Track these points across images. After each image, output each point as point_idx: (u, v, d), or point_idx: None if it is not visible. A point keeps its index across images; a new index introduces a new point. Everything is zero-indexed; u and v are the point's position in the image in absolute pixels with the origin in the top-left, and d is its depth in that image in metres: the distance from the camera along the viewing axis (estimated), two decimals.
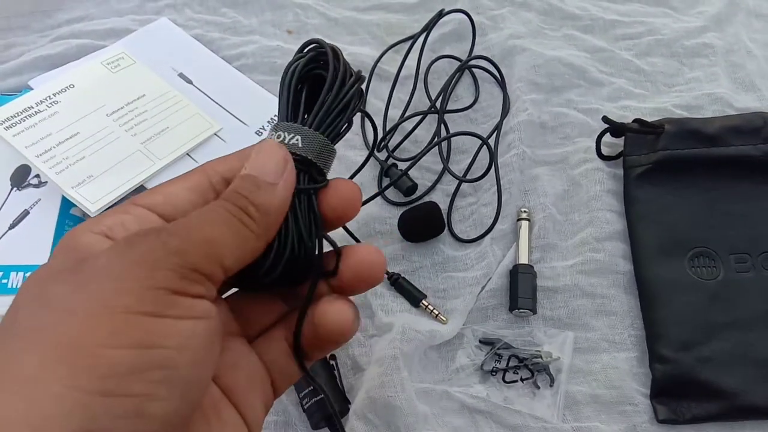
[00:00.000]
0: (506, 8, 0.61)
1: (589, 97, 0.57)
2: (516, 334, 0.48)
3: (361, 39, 0.61)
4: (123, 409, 0.20)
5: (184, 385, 0.22)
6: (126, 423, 0.20)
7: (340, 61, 0.29)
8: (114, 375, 0.20)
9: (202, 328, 0.23)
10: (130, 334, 0.21)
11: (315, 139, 0.28)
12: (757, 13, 0.62)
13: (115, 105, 0.53)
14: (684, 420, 0.44)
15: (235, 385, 0.27)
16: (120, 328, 0.21)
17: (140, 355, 0.21)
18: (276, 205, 0.26)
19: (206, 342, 0.23)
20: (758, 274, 0.47)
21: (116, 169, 0.49)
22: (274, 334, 0.29)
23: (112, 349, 0.20)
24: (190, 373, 0.22)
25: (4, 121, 0.49)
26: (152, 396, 0.21)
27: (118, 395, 0.20)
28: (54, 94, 0.52)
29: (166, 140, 0.52)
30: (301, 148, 0.27)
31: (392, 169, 0.53)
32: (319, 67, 0.29)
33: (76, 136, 0.50)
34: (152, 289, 0.22)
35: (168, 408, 0.21)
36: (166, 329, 0.22)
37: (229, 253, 0.24)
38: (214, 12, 0.62)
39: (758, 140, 0.50)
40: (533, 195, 0.52)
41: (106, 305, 0.21)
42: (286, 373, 0.29)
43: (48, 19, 0.62)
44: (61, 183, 0.47)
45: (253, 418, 0.27)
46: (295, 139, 0.27)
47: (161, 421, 0.21)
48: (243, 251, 0.25)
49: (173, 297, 0.22)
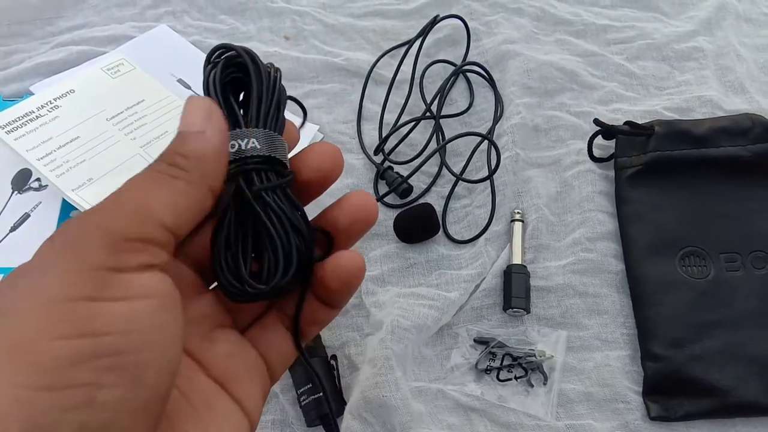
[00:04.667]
0: (500, 14, 0.62)
1: (582, 101, 0.58)
2: (510, 333, 0.48)
3: (357, 45, 0.62)
4: (70, 400, 0.19)
5: (134, 370, 0.21)
6: (76, 414, 0.19)
7: (256, 58, 0.29)
8: (56, 368, 0.19)
9: (149, 308, 0.22)
10: (69, 324, 0.20)
11: (268, 137, 0.28)
12: (747, 17, 0.63)
13: (115, 110, 0.54)
14: (676, 417, 0.44)
15: (231, 375, 0.27)
16: (58, 318, 0.20)
17: (81, 345, 0.20)
18: (209, 148, 0.25)
19: (156, 322, 0.22)
20: (748, 273, 0.48)
21: (116, 172, 0.50)
22: (267, 321, 0.30)
23: (52, 341, 0.19)
24: (141, 357, 0.21)
25: (6, 125, 0.50)
26: (100, 384, 0.20)
27: (62, 387, 0.19)
28: (55, 99, 0.53)
29: (164, 144, 0.53)
30: (261, 149, 0.27)
31: (388, 171, 0.54)
32: (237, 70, 0.29)
33: (77, 140, 0.51)
34: (85, 271, 0.21)
35: (119, 394, 0.20)
36: (105, 313, 0.20)
37: (165, 210, 0.23)
38: (213, 19, 0.63)
39: (747, 141, 0.51)
40: (526, 196, 0.53)
41: (41, 297, 0.20)
42: (282, 358, 0.30)
43: (49, 27, 0.63)
44: (61, 186, 0.48)
45: (252, 405, 0.27)
46: (252, 142, 0.27)
47: (114, 408, 0.20)
48: (180, 205, 0.24)
49: (112, 275, 0.21)
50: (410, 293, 0.48)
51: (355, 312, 0.50)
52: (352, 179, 0.55)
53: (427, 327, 0.47)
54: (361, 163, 0.56)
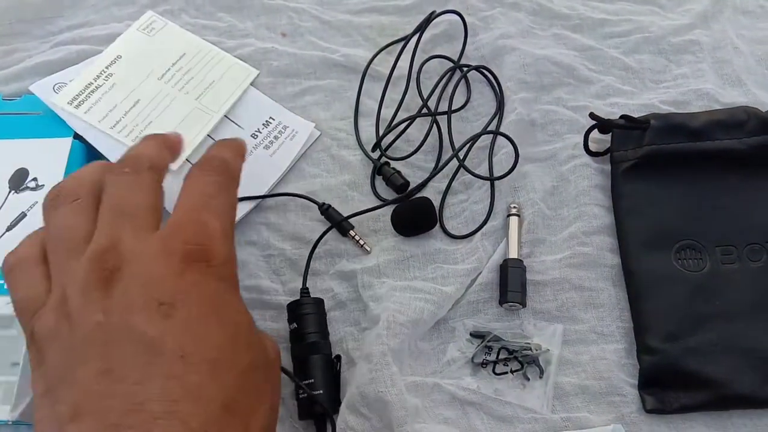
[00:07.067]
0: (497, 9, 0.62)
1: (578, 95, 0.58)
2: (506, 327, 0.49)
3: (354, 41, 0.62)
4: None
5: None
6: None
7: None
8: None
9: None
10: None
11: None
12: (744, 9, 0.63)
13: (163, 68, 0.57)
14: (672, 409, 0.45)
15: None
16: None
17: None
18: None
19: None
20: (744, 266, 0.48)
21: (182, 127, 0.54)
22: None
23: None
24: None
25: (72, 100, 0.53)
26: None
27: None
28: (107, 66, 0.56)
29: (216, 93, 0.57)
30: None
31: (384, 167, 0.54)
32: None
33: (139, 104, 0.54)
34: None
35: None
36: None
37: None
38: (211, 17, 0.63)
39: (743, 134, 0.51)
40: (523, 191, 0.53)
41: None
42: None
43: (49, 26, 0.64)
44: None
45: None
46: None
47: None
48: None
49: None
50: (407, 287, 0.49)
51: (352, 306, 0.50)
52: (349, 175, 0.55)
53: (423, 321, 0.47)
54: (357, 159, 0.56)
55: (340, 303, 0.50)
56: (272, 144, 0.55)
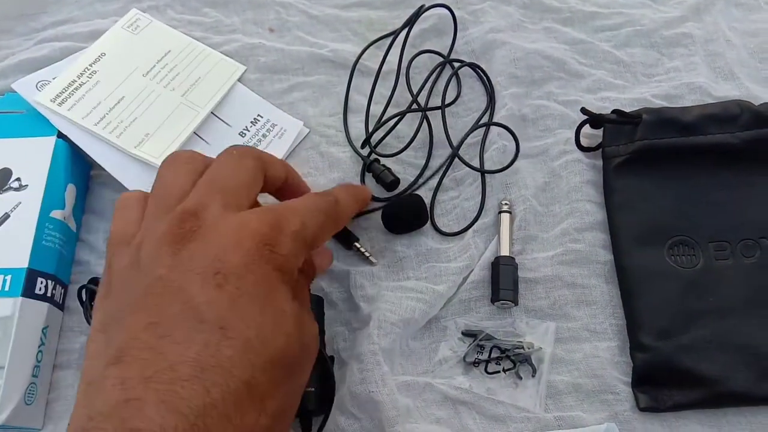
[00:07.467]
0: (486, 2, 0.61)
1: (569, 89, 0.57)
2: (498, 326, 0.48)
3: (342, 36, 0.61)
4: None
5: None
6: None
7: None
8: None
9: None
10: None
11: None
12: (736, 1, 0.62)
13: (148, 65, 0.57)
14: (665, 407, 0.44)
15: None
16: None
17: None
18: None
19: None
20: (737, 262, 0.48)
21: (167, 124, 0.53)
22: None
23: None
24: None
25: (56, 98, 0.52)
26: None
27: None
28: (90, 64, 0.55)
29: (202, 89, 0.56)
30: None
31: (374, 164, 0.54)
32: None
33: (123, 100, 0.54)
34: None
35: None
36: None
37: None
38: (196, 12, 0.62)
39: (735, 128, 0.50)
40: (514, 187, 0.52)
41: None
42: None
43: (32, 23, 0.63)
44: (124, 145, 0.51)
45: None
46: None
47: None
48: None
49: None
50: (398, 286, 0.48)
51: (343, 306, 0.49)
52: (338, 173, 0.54)
53: (414, 320, 0.47)
54: (347, 156, 0.55)
55: (331, 303, 0.49)
56: (260, 143, 0.55)
